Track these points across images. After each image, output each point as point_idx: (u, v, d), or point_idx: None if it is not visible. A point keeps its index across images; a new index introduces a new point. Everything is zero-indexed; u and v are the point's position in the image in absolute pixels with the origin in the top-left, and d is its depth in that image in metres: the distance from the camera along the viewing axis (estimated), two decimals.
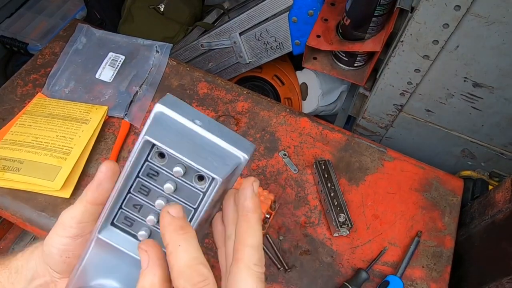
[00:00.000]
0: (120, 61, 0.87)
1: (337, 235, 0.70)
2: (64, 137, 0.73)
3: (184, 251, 0.27)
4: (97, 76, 0.85)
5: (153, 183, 0.31)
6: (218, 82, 0.87)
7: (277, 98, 1.11)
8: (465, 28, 0.64)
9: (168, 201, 0.31)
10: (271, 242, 0.68)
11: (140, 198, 0.31)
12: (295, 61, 1.12)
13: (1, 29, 1.14)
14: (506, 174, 0.85)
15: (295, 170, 0.77)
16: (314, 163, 0.75)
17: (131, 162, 0.29)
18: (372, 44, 0.78)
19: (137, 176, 0.30)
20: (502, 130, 0.78)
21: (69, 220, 0.32)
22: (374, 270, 0.67)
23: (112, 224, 0.32)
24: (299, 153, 0.79)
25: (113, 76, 0.85)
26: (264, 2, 0.87)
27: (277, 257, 0.67)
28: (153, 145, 0.28)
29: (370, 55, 0.85)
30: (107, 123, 0.79)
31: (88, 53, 0.88)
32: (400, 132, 0.91)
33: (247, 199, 0.30)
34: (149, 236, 0.32)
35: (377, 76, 0.82)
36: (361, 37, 0.78)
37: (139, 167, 0.30)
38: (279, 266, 0.66)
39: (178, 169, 0.29)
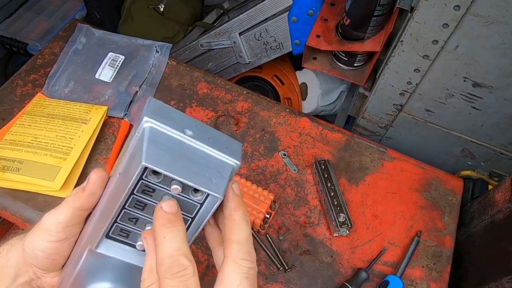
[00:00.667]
0: (120, 61, 0.87)
1: (337, 235, 0.70)
2: (64, 137, 0.73)
3: (168, 243, 0.28)
4: (96, 76, 0.85)
5: (149, 198, 0.30)
6: (218, 82, 0.87)
7: (276, 98, 1.11)
8: (465, 28, 0.64)
9: None
10: (271, 242, 0.68)
11: (135, 213, 0.31)
12: (295, 61, 1.12)
13: (1, 29, 1.14)
14: (506, 174, 0.85)
15: (295, 170, 0.77)
16: (314, 163, 0.75)
17: (128, 186, 0.28)
18: (371, 44, 0.78)
19: (132, 193, 0.30)
20: (502, 130, 0.78)
21: (55, 225, 0.32)
22: (374, 270, 0.67)
23: (107, 236, 0.32)
24: (299, 153, 0.79)
25: (112, 76, 0.85)
26: (263, 2, 0.87)
27: (277, 257, 0.67)
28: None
29: (369, 55, 0.85)
30: (106, 123, 0.79)
31: (87, 53, 0.88)
32: (400, 132, 0.91)
33: (229, 200, 0.31)
34: None
35: (377, 76, 0.82)
36: (360, 37, 0.78)
37: (134, 185, 0.29)
38: (279, 266, 0.66)
39: (176, 187, 0.29)
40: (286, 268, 0.66)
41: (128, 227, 0.32)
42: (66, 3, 1.22)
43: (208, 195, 0.30)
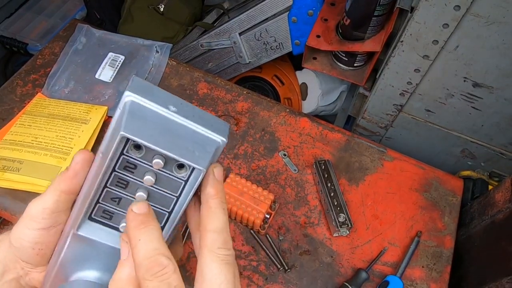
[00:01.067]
0: (120, 61, 0.87)
1: (337, 235, 0.70)
2: (64, 137, 0.73)
3: (144, 244, 0.27)
4: (97, 76, 0.85)
5: (131, 176, 0.29)
6: (218, 82, 0.87)
7: (277, 98, 1.11)
8: (465, 28, 0.64)
9: (148, 192, 0.30)
10: (271, 242, 0.68)
11: (118, 191, 0.30)
12: (295, 61, 1.12)
13: (1, 29, 1.14)
14: (506, 174, 0.85)
15: (295, 170, 0.77)
16: (314, 163, 0.75)
17: (107, 159, 0.28)
18: (372, 44, 0.78)
19: (113, 170, 0.29)
20: (502, 130, 0.78)
21: (41, 212, 0.31)
22: (374, 270, 0.67)
23: (90, 218, 0.31)
24: (299, 153, 0.79)
25: (113, 76, 0.85)
26: (264, 2, 0.87)
27: (277, 257, 0.67)
28: (129, 138, 0.27)
29: (370, 55, 0.85)
30: (107, 123, 0.79)
31: (88, 53, 0.88)
32: (400, 132, 0.91)
33: (208, 185, 0.30)
34: None
35: (377, 76, 0.82)
36: (361, 37, 0.78)
37: (115, 161, 0.28)
38: (279, 266, 0.66)
39: (158, 161, 0.28)
40: (286, 268, 0.66)
41: (111, 207, 0.31)
42: (66, 3, 1.22)
43: (192, 171, 0.29)
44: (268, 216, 0.69)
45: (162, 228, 0.32)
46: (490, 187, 0.81)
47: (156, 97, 0.28)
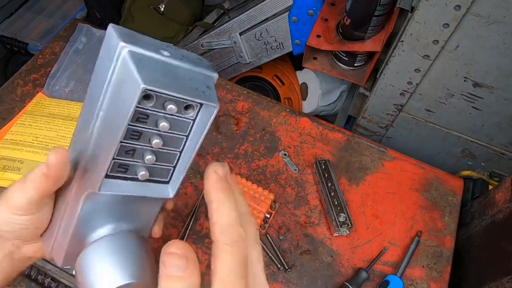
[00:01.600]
0: None
1: (337, 234, 0.70)
2: (64, 136, 0.73)
3: (228, 210, 0.29)
4: None
5: (144, 126, 0.30)
6: (218, 82, 0.87)
7: (277, 98, 1.11)
8: (465, 28, 0.64)
9: (162, 138, 0.31)
10: (271, 242, 0.68)
11: (132, 144, 0.30)
12: (295, 61, 1.13)
13: (1, 29, 1.14)
14: (506, 174, 0.85)
15: (295, 170, 0.77)
16: (314, 163, 0.76)
17: (129, 114, 0.27)
18: (372, 44, 0.78)
19: (128, 124, 0.29)
20: (502, 130, 0.78)
21: (26, 204, 0.31)
22: (374, 270, 0.67)
23: (107, 176, 0.31)
24: (299, 153, 0.79)
25: None
26: (264, 2, 0.87)
27: (277, 256, 0.67)
28: (148, 89, 0.27)
29: (370, 55, 0.85)
30: None
31: (88, 53, 0.88)
32: (400, 132, 0.91)
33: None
34: (150, 174, 0.32)
35: (377, 76, 0.82)
36: (361, 37, 0.79)
37: (132, 114, 0.28)
38: (279, 266, 0.66)
39: (171, 107, 0.29)
40: (286, 268, 0.66)
41: (126, 160, 0.31)
42: (66, 3, 1.22)
43: (199, 109, 0.31)
44: (268, 216, 0.69)
45: (175, 166, 0.33)
46: (490, 187, 0.81)
47: (146, 43, 0.29)
